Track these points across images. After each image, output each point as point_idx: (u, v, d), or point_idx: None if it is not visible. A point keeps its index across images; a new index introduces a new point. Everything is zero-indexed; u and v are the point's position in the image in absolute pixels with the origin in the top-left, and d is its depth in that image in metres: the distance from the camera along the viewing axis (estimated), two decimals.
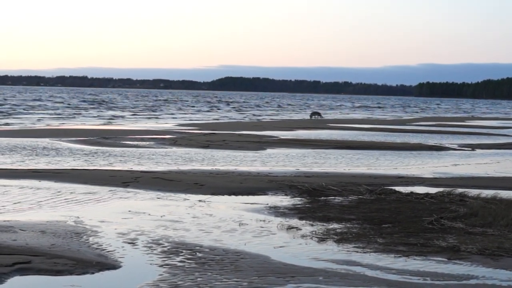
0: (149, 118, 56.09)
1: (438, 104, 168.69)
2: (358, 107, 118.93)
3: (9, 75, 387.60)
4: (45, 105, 78.96)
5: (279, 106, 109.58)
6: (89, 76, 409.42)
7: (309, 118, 61.12)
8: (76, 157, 22.12)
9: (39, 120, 48.37)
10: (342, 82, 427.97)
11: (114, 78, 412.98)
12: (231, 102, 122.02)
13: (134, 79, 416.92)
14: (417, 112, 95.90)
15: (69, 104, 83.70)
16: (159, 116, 59.54)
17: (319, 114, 62.72)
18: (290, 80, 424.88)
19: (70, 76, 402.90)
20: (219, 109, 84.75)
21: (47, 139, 28.73)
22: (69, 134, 32.64)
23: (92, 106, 78.72)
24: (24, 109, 65.01)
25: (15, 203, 13.24)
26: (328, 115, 73.27)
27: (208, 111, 77.44)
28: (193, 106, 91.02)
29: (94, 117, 55.22)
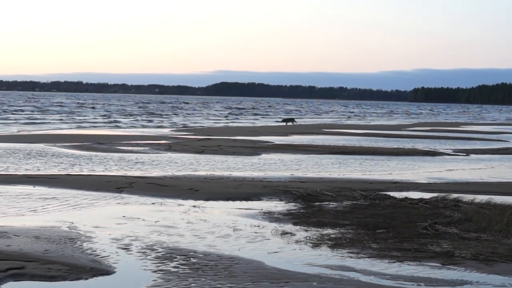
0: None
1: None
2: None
3: (4, 80, 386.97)
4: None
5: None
6: (84, 82, 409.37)
7: (284, 124, 57.40)
8: (70, 163, 22.08)
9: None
10: (337, 87, 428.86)
11: (109, 83, 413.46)
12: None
13: (129, 84, 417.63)
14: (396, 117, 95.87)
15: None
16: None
17: (293, 120, 59.72)
18: (285, 86, 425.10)
19: (65, 82, 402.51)
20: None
21: (41, 144, 28.68)
22: (64, 139, 32.59)
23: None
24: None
25: (9, 209, 13.21)
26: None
27: None
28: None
29: None
